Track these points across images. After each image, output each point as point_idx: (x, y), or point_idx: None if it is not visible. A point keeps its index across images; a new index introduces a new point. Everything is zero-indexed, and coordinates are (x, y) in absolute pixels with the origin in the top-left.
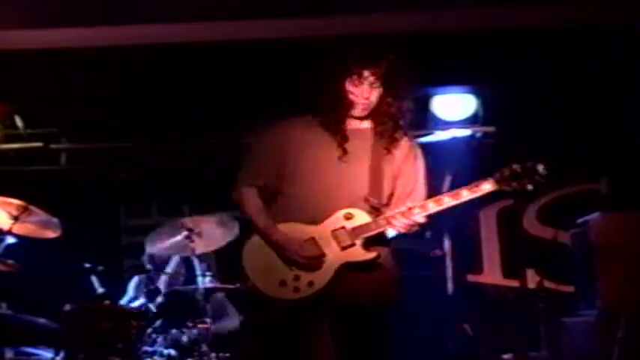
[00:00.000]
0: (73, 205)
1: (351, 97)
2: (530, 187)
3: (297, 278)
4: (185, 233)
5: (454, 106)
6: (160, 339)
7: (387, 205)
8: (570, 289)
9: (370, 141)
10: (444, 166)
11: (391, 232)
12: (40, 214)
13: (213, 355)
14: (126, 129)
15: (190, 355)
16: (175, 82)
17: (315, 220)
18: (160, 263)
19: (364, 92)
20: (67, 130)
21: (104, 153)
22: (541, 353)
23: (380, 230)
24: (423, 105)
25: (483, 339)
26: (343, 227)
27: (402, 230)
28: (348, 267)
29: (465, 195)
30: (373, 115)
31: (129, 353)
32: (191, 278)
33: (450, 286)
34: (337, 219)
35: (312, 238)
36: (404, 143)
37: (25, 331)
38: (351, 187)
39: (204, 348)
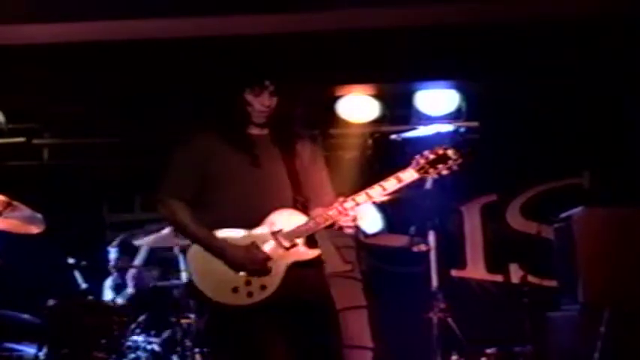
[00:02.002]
0: (56, 201)
1: (252, 106)
2: (445, 171)
3: (248, 283)
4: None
5: (437, 102)
6: (143, 335)
7: (307, 201)
8: (554, 283)
9: (273, 146)
10: None
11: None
12: (23, 210)
13: (196, 350)
14: (109, 124)
15: (174, 350)
16: (159, 78)
17: (249, 225)
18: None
19: (265, 100)
20: (49, 125)
21: (87, 148)
22: (525, 348)
23: (319, 228)
24: (407, 100)
25: (467, 334)
26: (282, 229)
27: (344, 225)
28: (295, 266)
29: (391, 186)
30: (270, 121)
31: (112, 348)
32: (171, 273)
33: (434, 281)
34: (272, 221)
35: (253, 243)
36: (304, 144)
37: (9, 327)
38: (275, 188)
39: (188, 343)
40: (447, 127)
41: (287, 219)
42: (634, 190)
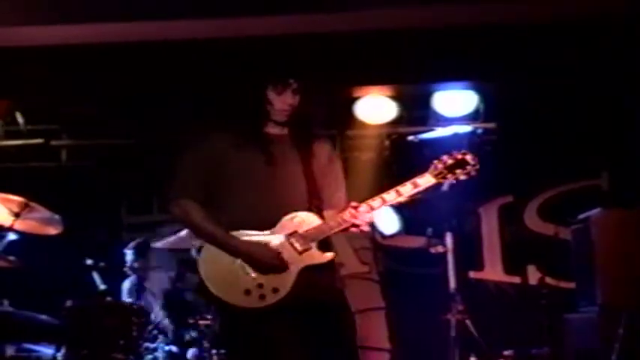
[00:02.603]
0: (74, 202)
1: (273, 104)
2: (463, 177)
3: (260, 286)
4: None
5: (455, 103)
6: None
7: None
8: (571, 285)
9: (291, 146)
10: None
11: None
12: (41, 211)
13: (214, 351)
14: (127, 125)
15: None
16: (177, 79)
17: (262, 227)
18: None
19: (288, 98)
20: (67, 126)
21: (105, 149)
22: (542, 350)
23: (333, 232)
24: (424, 101)
25: (485, 335)
26: (296, 231)
27: (355, 230)
28: (307, 269)
29: (407, 191)
30: (290, 120)
31: (130, 349)
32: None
33: (452, 282)
34: (287, 223)
35: (267, 244)
36: (322, 145)
37: (27, 328)
38: (290, 190)
39: (206, 344)
40: (465, 129)
41: (301, 222)
42: None
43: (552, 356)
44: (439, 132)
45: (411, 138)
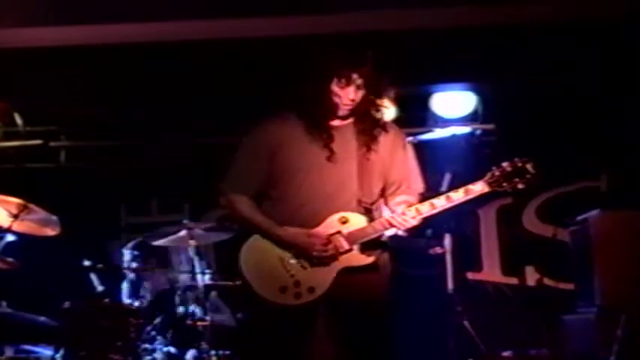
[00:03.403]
0: (73, 203)
1: (337, 98)
2: (521, 186)
3: (297, 284)
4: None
5: (454, 104)
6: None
7: (378, 200)
8: (570, 286)
9: (353, 140)
10: (443, 164)
11: (389, 231)
12: (39, 212)
13: (212, 352)
14: (126, 126)
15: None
16: (176, 80)
17: (308, 224)
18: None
19: (350, 94)
20: (66, 127)
21: (104, 151)
22: (541, 351)
23: (377, 234)
24: (423, 102)
25: (483, 336)
26: (339, 232)
27: (399, 232)
28: (346, 270)
29: (458, 198)
30: (355, 113)
31: (128, 350)
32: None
33: (450, 283)
34: (332, 223)
35: (313, 233)
36: (385, 137)
37: (25, 329)
38: (342, 188)
39: (204, 345)
40: (464, 130)
41: (346, 222)
42: None
43: (551, 357)
44: (438, 133)
45: (409, 139)
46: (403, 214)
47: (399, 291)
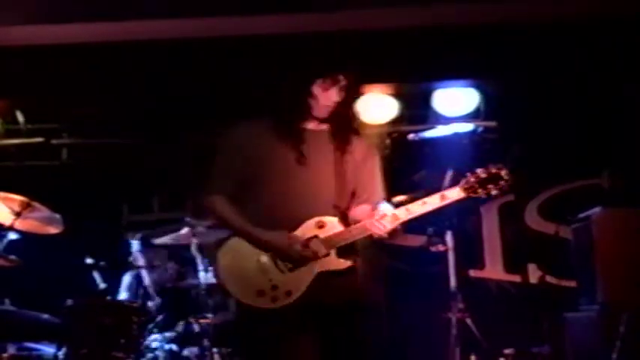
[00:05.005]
0: (75, 201)
1: (318, 100)
2: (494, 192)
3: (275, 288)
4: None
5: (456, 101)
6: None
7: (349, 205)
8: (572, 284)
9: (328, 143)
10: (445, 161)
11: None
12: (42, 210)
13: (214, 350)
14: (127, 124)
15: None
16: (177, 78)
17: (282, 228)
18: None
19: (334, 95)
20: (68, 125)
21: (106, 148)
22: (543, 348)
23: (353, 239)
24: (425, 100)
25: (485, 334)
26: (316, 236)
27: (375, 236)
28: (323, 274)
29: (434, 203)
30: (331, 117)
31: (131, 348)
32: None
33: (452, 281)
34: (309, 227)
35: (289, 234)
36: (359, 142)
37: (28, 327)
38: (316, 192)
39: (206, 343)
40: (465, 127)
41: (323, 226)
42: None
43: (553, 355)
44: (440, 130)
45: (411, 136)
46: (380, 219)
47: (401, 289)
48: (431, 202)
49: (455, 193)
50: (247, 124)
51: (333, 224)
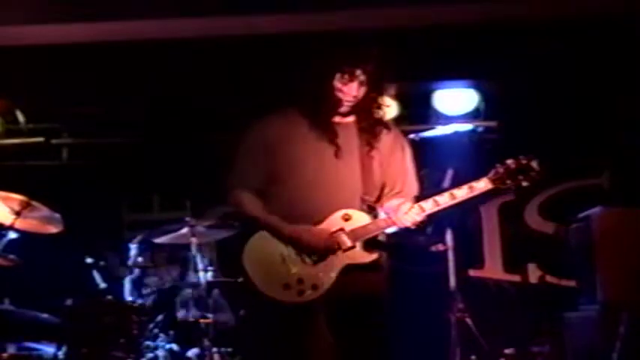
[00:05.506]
0: (75, 201)
1: (339, 94)
2: (525, 183)
3: (300, 281)
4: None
5: (456, 101)
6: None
7: (380, 198)
8: (572, 283)
9: (355, 136)
10: (445, 161)
11: (392, 229)
12: (42, 210)
13: (214, 350)
14: (127, 124)
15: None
16: (178, 78)
17: (310, 221)
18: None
19: (353, 90)
20: (68, 125)
21: (106, 148)
22: (543, 348)
23: (379, 231)
24: (425, 100)
25: (485, 334)
26: (342, 229)
27: (404, 228)
28: (349, 268)
29: (462, 195)
30: (356, 110)
31: (131, 348)
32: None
33: (452, 280)
34: (335, 220)
35: (315, 228)
36: (387, 136)
37: (28, 326)
38: (345, 185)
39: (207, 343)
40: (466, 127)
41: (349, 219)
42: None
43: (553, 355)
44: (440, 130)
45: (411, 136)
46: (408, 212)
47: (400, 288)
48: (458, 194)
49: (483, 184)
50: (272, 119)
51: (359, 217)
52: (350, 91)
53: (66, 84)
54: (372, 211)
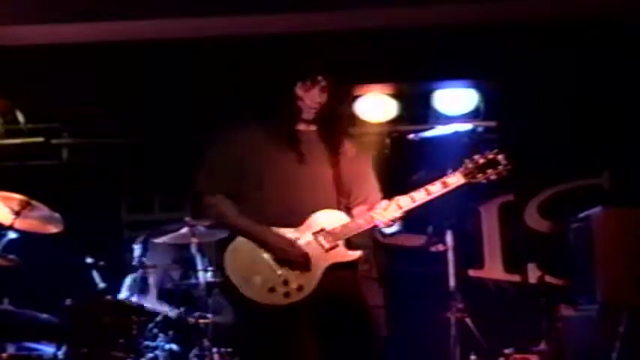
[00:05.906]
0: (75, 201)
1: (300, 101)
2: (494, 177)
3: (286, 283)
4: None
5: (455, 101)
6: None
7: (348, 205)
8: (572, 283)
9: (320, 143)
10: (445, 161)
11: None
12: (42, 209)
13: (214, 350)
14: (127, 124)
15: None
16: (177, 78)
17: (290, 224)
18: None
19: (316, 97)
20: (68, 125)
21: (106, 148)
22: (542, 347)
23: (360, 230)
24: (425, 99)
25: (485, 334)
26: (323, 229)
27: (381, 226)
28: (333, 268)
29: (436, 190)
30: (319, 118)
31: (131, 348)
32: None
33: (452, 281)
34: (315, 221)
35: (295, 242)
36: (350, 143)
37: (27, 327)
38: (318, 190)
39: (206, 343)
40: (465, 127)
41: (329, 219)
42: None
43: (552, 354)
44: (439, 130)
45: (411, 136)
46: (385, 209)
47: (400, 289)
48: (433, 189)
49: (455, 179)
50: (239, 126)
51: (338, 217)
52: (313, 97)
53: (66, 84)
54: (348, 210)
